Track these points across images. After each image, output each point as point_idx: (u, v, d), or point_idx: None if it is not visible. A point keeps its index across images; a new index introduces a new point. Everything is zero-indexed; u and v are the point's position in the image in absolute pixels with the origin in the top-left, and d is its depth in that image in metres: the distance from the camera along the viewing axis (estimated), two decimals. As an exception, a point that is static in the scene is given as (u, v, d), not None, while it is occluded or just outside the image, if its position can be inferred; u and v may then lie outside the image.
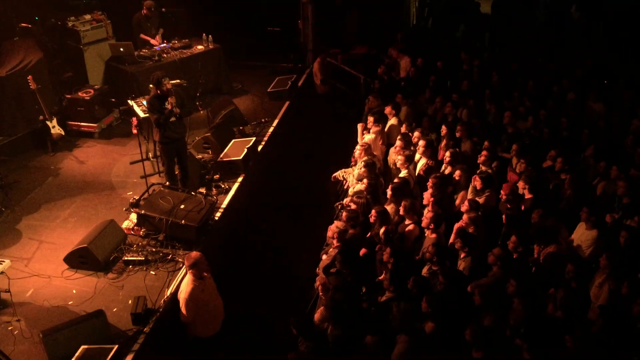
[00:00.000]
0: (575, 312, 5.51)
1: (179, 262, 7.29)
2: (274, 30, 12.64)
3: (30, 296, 6.82)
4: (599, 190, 7.75)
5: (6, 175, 8.93)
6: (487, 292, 5.56)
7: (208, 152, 9.69)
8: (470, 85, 10.60)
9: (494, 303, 5.59)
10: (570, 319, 5.44)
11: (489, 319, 5.47)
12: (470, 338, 5.11)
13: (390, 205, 7.42)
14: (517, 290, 5.66)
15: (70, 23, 11.02)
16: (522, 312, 5.43)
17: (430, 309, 5.44)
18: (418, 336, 5.28)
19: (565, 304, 5.50)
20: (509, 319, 5.47)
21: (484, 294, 5.53)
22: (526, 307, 5.44)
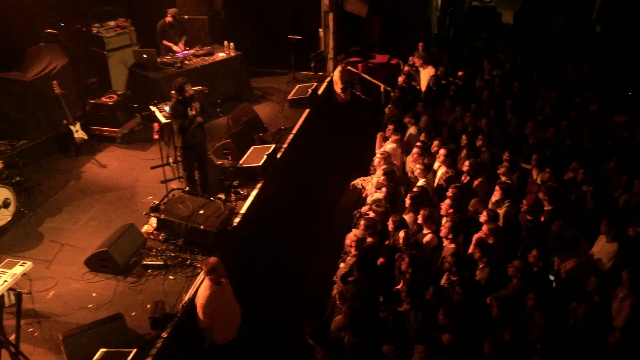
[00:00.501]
0: (596, 326, 5.42)
1: (197, 267, 7.33)
2: (295, 38, 12.69)
3: (51, 298, 6.91)
4: (621, 202, 7.65)
5: (30, 178, 9.06)
6: (505, 304, 5.50)
7: (228, 158, 9.74)
8: (490, 95, 10.55)
9: (513, 316, 5.54)
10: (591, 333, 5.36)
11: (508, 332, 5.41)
12: (488, 351, 5.07)
13: (409, 214, 7.40)
14: (536, 305, 5.60)
15: (95, 29, 11.18)
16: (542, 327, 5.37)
17: (447, 319, 5.41)
18: (435, 347, 5.24)
19: (586, 318, 5.43)
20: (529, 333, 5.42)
21: (502, 306, 5.48)
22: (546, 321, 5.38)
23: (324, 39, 13.53)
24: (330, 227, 9.65)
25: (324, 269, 7.84)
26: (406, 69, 12.35)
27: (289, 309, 7.66)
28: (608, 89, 10.63)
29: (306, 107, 11.76)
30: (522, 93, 10.60)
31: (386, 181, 7.99)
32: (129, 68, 11.48)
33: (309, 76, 13.31)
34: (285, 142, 10.57)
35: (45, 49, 10.53)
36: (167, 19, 11.67)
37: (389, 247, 6.99)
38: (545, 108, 9.90)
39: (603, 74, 11.23)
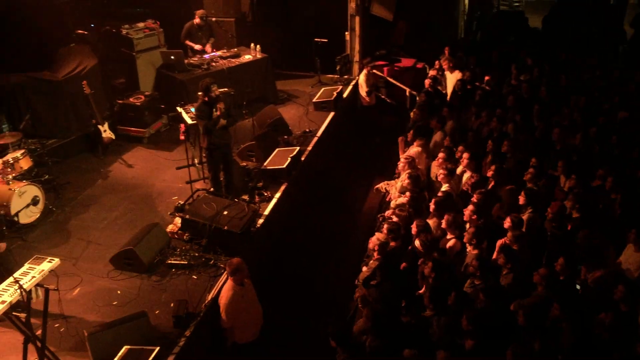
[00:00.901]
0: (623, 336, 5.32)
1: (220, 267, 7.37)
2: (321, 41, 12.72)
3: (77, 295, 7.02)
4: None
5: (58, 177, 9.23)
6: (531, 312, 5.43)
7: (252, 160, 9.80)
8: (517, 100, 10.44)
9: (538, 324, 5.47)
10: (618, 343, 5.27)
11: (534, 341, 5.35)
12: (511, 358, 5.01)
13: (433, 219, 7.36)
14: (562, 314, 5.52)
15: (124, 31, 11.35)
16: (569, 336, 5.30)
17: (470, 325, 5.36)
18: (457, 352, 5.20)
19: (613, 327, 5.33)
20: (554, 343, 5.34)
21: (528, 314, 5.41)
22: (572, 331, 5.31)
23: (350, 42, 13.52)
24: (353, 230, 9.65)
25: (346, 272, 7.84)
26: (432, 73, 12.28)
27: (311, 311, 7.68)
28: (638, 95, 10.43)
29: (331, 110, 11.76)
30: (550, 99, 10.47)
31: (410, 185, 7.96)
32: (156, 69, 11.62)
33: (334, 79, 13.32)
34: (310, 145, 10.59)
35: (75, 49, 10.71)
36: (195, 20, 11.78)
37: (412, 251, 6.95)
38: (574, 114, 9.76)
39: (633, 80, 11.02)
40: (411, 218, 7.42)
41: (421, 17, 14.38)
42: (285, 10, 13.85)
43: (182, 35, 11.94)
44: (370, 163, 11.58)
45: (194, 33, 11.95)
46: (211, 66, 11.46)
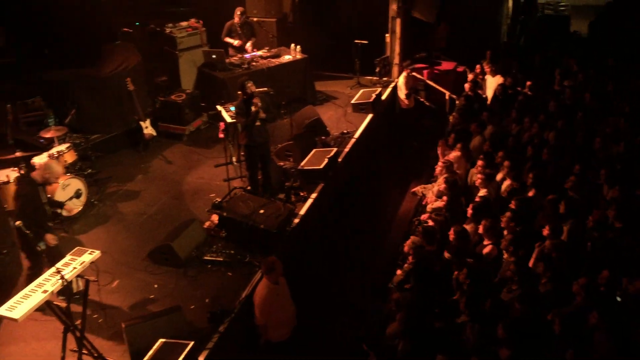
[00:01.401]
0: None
1: (255, 265, 7.44)
2: (361, 42, 12.70)
3: (116, 287, 7.18)
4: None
5: (101, 171, 9.46)
6: (568, 322, 5.32)
7: (289, 160, 9.86)
8: (559, 106, 10.24)
9: (575, 334, 5.35)
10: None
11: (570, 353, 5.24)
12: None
13: (470, 225, 7.28)
14: (599, 323, 5.39)
15: (168, 29, 11.56)
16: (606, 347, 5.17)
17: (506, 334, 5.28)
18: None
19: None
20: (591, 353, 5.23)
21: (564, 323, 5.29)
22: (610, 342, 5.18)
23: (390, 44, 13.47)
24: (388, 233, 9.61)
25: (380, 275, 7.80)
26: (472, 77, 12.15)
27: (344, 313, 7.67)
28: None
29: (369, 112, 11.73)
30: (595, 105, 10.23)
31: (447, 190, 7.90)
32: (198, 68, 11.79)
33: (374, 81, 13.29)
34: (347, 146, 10.59)
35: (120, 47, 10.97)
36: (235, 20, 11.89)
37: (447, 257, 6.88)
38: (619, 121, 9.51)
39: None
40: (447, 223, 7.36)
41: (463, 20, 14.22)
42: (326, 12, 13.88)
43: (222, 34, 12.09)
44: (407, 166, 11.51)
45: (234, 31, 12.07)
46: (251, 66, 11.56)
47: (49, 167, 6.36)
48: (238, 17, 11.86)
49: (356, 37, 12.76)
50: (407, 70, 12.27)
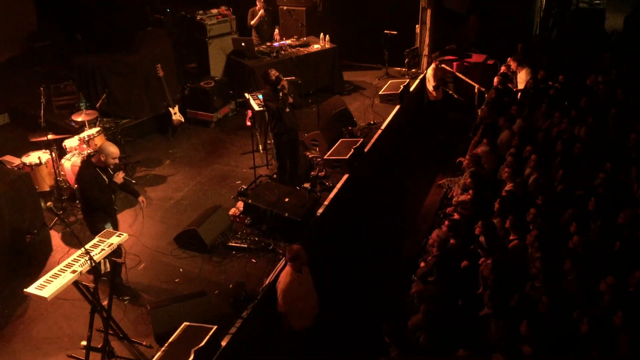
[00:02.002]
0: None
1: (279, 253, 7.49)
2: (390, 33, 12.62)
3: (142, 270, 7.30)
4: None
5: (130, 155, 9.60)
6: (596, 322, 5.25)
7: (316, 149, 9.88)
8: (591, 102, 10.05)
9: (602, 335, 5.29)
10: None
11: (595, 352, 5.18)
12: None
13: (497, 219, 7.22)
14: (624, 325, 5.31)
15: (198, 17, 11.62)
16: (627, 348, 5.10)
17: (530, 332, 5.23)
18: (514, 357, 5.09)
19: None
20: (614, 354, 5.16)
21: (592, 323, 5.23)
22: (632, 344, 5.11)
23: (420, 36, 13.37)
24: (413, 225, 9.58)
25: (403, 267, 7.79)
26: (503, 70, 11.98)
27: (366, 304, 7.69)
28: None
29: (397, 103, 11.68)
30: (628, 102, 10.02)
31: (473, 184, 7.82)
32: (227, 55, 11.84)
33: (402, 72, 13.22)
34: (374, 137, 10.56)
35: (151, 33, 11.08)
36: (257, 6, 11.91)
37: (473, 250, 6.84)
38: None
39: None
40: (473, 216, 7.30)
41: (495, 12, 14.03)
42: (356, 1, 13.81)
43: (248, 20, 12.11)
44: (434, 159, 11.45)
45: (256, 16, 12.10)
46: (280, 54, 11.59)
47: (104, 149, 6.47)
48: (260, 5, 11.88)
49: (386, 27, 12.69)
50: (436, 62, 12.17)
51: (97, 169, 6.48)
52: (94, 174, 6.45)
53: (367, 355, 6.23)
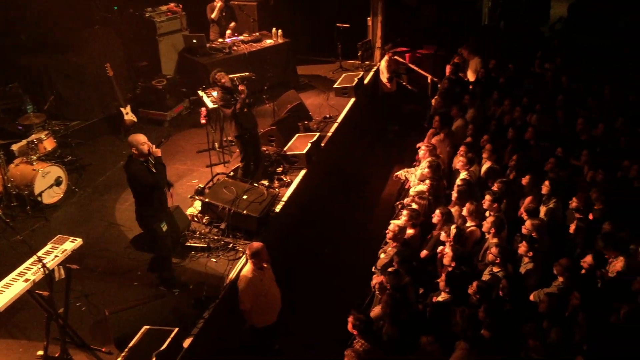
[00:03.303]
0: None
1: (239, 251, 7.43)
2: (343, 26, 12.64)
3: (98, 275, 7.10)
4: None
5: (81, 158, 9.35)
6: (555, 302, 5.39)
7: (272, 145, 9.82)
8: (539, 89, 10.31)
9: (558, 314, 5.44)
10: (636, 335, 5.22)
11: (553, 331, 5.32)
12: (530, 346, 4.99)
13: (455, 207, 7.33)
14: (581, 304, 5.47)
15: (147, 14, 11.40)
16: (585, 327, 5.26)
17: (488, 317, 5.33)
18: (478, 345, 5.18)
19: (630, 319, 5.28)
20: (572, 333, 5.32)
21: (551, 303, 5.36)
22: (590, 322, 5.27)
23: (372, 28, 13.43)
24: (372, 217, 9.64)
25: (364, 259, 7.84)
26: (454, 60, 12.16)
27: (328, 297, 7.71)
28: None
29: (352, 96, 11.71)
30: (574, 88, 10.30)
31: (430, 174, 7.92)
32: (178, 52, 11.65)
33: (356, 65, 13.25)
34: (330, 131, 10.57)
35: (99, 32, 10.79)
36: (216, 2, 11.76)
37: (431, 239, 6.93)
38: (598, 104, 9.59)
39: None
40: (430, 206, 7.40)
41: (445, 4, 14.20)
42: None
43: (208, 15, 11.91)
44: (390, 150, 11.54)
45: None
46: (232, 50, 11.45)
47: (130, 142, 6.38)
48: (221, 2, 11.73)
49: (338, 20, 12.70)
50: (389, 53, 12.24)
51: (142, 162, 6.34)
52: (141, 166, 6.32)
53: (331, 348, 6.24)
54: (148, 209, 6.49)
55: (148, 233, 6.66)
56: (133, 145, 6.33)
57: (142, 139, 6.36)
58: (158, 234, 6.57)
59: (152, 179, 6.30)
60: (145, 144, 6.33)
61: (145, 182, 6.28)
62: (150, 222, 6.52)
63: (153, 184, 6.31)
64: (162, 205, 6.67)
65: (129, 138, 6.47)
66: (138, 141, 6.33)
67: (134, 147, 6.33)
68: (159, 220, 6.54)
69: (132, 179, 6.39)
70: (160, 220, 6.56)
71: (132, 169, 6.33)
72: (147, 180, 6.27)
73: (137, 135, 6.45)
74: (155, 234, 6.57)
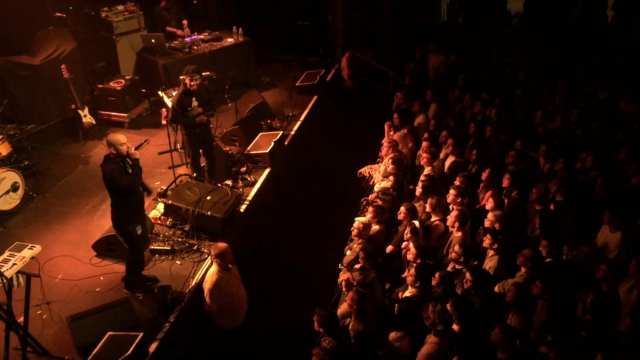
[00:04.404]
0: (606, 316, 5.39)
1: (204, 252, 7.37)
2: (303, 24, 12.62)
3: (59, 281, 6.96)
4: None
5: (38, 162, 9.12)
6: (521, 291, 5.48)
7: (235, 145, 9.75)
8: (500, 84, 10.48)
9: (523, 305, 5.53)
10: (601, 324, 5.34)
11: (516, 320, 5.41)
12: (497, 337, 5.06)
13: (419, 202, 7.39)
14: (543, 293, 5.58)
15: (103, 13, 11.16)
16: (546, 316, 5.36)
17: (456, 311, 5.39)
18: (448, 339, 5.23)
19: (595, 307, 5.40)
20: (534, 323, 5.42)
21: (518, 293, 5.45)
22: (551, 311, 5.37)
23: (332, 25, 13.44)
24: (337, 214, 9.65)
25: (331, 256, 7.85)
26: (415, 57, 12.26)
27: (295, 295, 7.70)
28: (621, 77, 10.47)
29: (314, 94, 11.72)
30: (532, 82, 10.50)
31: (394, 170, 7.97)
32: (137, 53, 11.46)
33: (318, 63, 13.25)
34: (293, 129, 10.55)
35: (54, 33, 10.52)
36: (162, 3, 11.62)
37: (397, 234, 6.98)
38: (555, 98, 9.80)
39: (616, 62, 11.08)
40: (395, 202, 7.44)
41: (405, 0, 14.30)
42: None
43: (156, 23, 11.74)
44: (354, 147, 11.56)
45: (162, 16, 11.76)
46: (193, 50, 11.32)
47: (109, 141, 6.22)
48: (165, 2, 11.59)
49: (299, 18, 12.67)
50: (350, 50, 12.28)
51: (119, 162, 6.20)
52: (117, 166, 6.18)
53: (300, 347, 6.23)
54: (124, 211, 6.38)
55: (122, 235, 6.53)
56: (112, 144, 6.20)
57: (122, 139, 6.25)
58: (132, 237, 6.47)
59: (127, 181, 6.18)
60: (125, 144, 6.21)
61: (120, 183, 6.15)
62: (125, 224, 6.41)
63: (127, 185, 6.19)
64: (138, 208, 6.58)
65: (108, 137, 6.34)
66: (118, 141, 6.20)
67: (112, 147, 6.20)
68: (134, 223, 6.43)
69: (107, 179, 6.25)
70: (135, 223, 6.45)
71: (108, 168, 6.19)
72: (122, 181, 6.15)
73: (117, 134, 6.33)
74: (129, 236, 6.46)
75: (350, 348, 5.46)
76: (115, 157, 6.23)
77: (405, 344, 5.41)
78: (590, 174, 7.69)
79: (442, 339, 5.21)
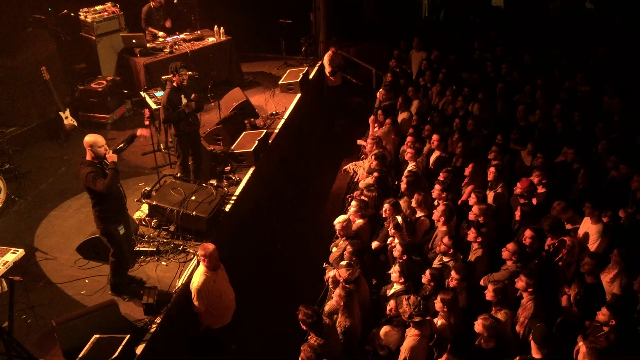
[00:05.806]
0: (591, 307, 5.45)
1: (190, 253, 7.34)
2: (285, 22, 12.60)
3: (43, 285, 6.90)
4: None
5: (19, 165, 8.99)
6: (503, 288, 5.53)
7: (219, 144, 9.72)
8: (481, 79, 10.55)
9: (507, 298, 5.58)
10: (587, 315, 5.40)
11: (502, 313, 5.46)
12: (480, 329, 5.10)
13: (404, 198, 7.43)
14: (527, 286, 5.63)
15: (83, 14, 11.05)
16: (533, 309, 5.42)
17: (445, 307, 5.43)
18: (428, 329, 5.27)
19: (580, 299, 5.47)
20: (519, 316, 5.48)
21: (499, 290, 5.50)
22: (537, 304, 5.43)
23: (314, 23, 13.43)
24: (322, 211, 9.68)
25: (316, 254, 7.87)
26: (397, 53, 12.30)
27: (282, 293, 7.70)
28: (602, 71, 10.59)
29: (297, 92, 11.71)
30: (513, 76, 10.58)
31: (378, 166, 8.00)
32: (118, 53, 11.36)
33: (300, 60, 13.25)
34: (277, 127, 10.54)
35: (33, 34, 10.41)
36: (152, 3, 11.53)
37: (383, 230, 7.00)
38: (536, 92, 9.88)
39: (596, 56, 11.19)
40: (379, 198, 7.47)
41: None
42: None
43: (142, 21, 11.67)
44: (338, 144, 11.60)
45: (152, 16, 11.68)
46: (174, 49, 11.25)
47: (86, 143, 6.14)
48: (156, 3, 11.48)
49: (280, 16, 12.65)
50: (333, 47, 12.29)
51: (96, 164, 6.14)
52: (95, 168, 6.11)
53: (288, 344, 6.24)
54: (104, 210, 6.31)
55: (104, 235, 6.48)
56: (89, 145, 6.14)
57: (101, 141, 6.18)
58: (114, 237, 6.42)
59: (102, 185, 6.10)
60: (103, 147, 6.16)
61: (94, 188, 6.08)
62: (107, 224, 6.36)
63: (102, 190, 6.10)
64: (120, 208, 6.51)
65: (86, 138, 6.25)
66: (96, 143, 6.15)
67: (88, 149, 6.14)
68: (115, 222, 6.39)
69: (83, 182, 6.19)
70: (117, 222, 6.41)
71: (84, 171, 6.13)
72: (96, 186, 6.07)
73: (95, 136, 6.26)
74: (111, 236, 6.42)
75: (337, 344, 5.48)
76: (93, 158, 6.17)
77: (395, 339, 5.45)
78: (572, 167, 7.78)
79: (423, 330, 5.25)
